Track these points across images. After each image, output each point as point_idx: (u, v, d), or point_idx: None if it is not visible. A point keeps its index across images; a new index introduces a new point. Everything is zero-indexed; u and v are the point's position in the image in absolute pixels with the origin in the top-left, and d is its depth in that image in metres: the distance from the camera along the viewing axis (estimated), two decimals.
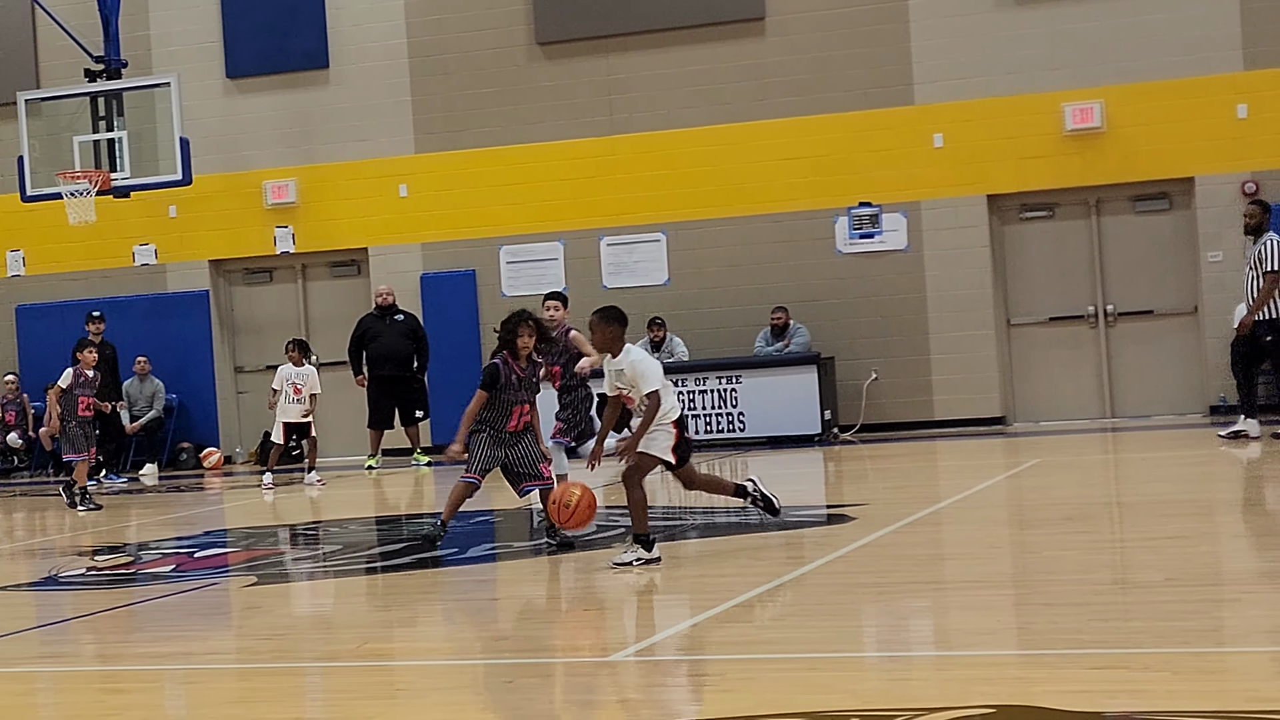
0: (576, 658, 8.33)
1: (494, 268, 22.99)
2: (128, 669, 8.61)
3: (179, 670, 8.52)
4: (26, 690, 8.44)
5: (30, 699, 8.23)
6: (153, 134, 21.63)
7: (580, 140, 22.65)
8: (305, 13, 23.44)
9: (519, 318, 12.06)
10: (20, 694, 8.36)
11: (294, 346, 19.50)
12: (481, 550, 12.74)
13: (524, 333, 11.96)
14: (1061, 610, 8.49)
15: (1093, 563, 10.23)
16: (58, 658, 9.17)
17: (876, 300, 21.77)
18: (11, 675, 8.84)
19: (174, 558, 12.95)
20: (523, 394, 11.99)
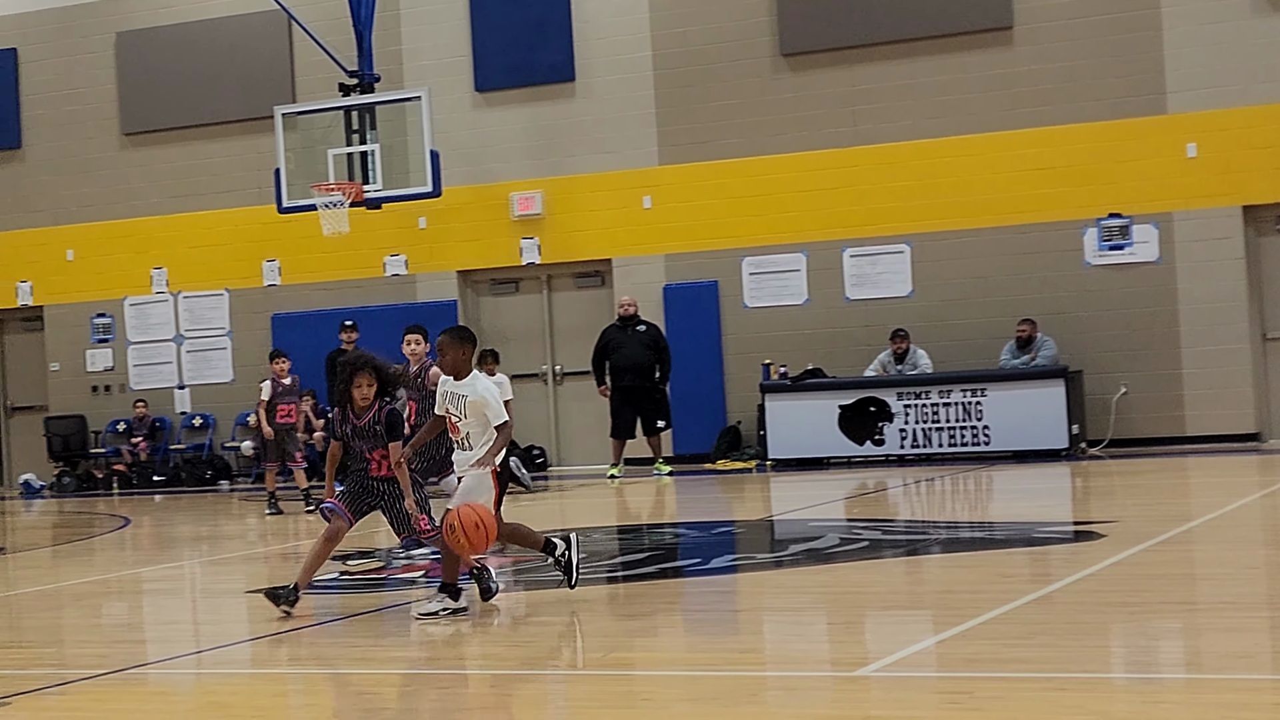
0: (821, 671, 8.30)
1: (736, 279, 23.03)
2: (377, 672, 8.79)
3: (426, 675, 8.67)
4: (281, 691, 8.67)
5: (285, 700, 8.45)
6: (404, 147, 22.05)
7: (824, 151, 22.60)
8: (553, 27, 23.72)
9: (355, 366, 10.98)
10: (276, 695, 8.59)
11: (490, 357, 19.49)
12: (724, 561, 12.76)
13: (361, 382, 10.91)
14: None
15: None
16: (314, 659, 9.39)
17: (1126, 313, 21.37)
18: (267, 676, 9.09)
19: (423, 564, 13.17)
20: (369, 442, 10.92)
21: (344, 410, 11.00)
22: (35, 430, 26.27)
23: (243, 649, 10.06)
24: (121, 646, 10.52)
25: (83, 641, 10.95)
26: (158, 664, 9.67)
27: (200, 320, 25.52)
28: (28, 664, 9.69)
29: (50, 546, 18.05)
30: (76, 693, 8.65)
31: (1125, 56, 21.42)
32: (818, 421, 21.24)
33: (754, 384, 22.33)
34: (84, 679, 8.97)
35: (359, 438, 10.94)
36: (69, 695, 8.60)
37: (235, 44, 25.09)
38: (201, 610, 12.46)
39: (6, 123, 26.37)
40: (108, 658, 9.72)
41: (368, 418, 10.92)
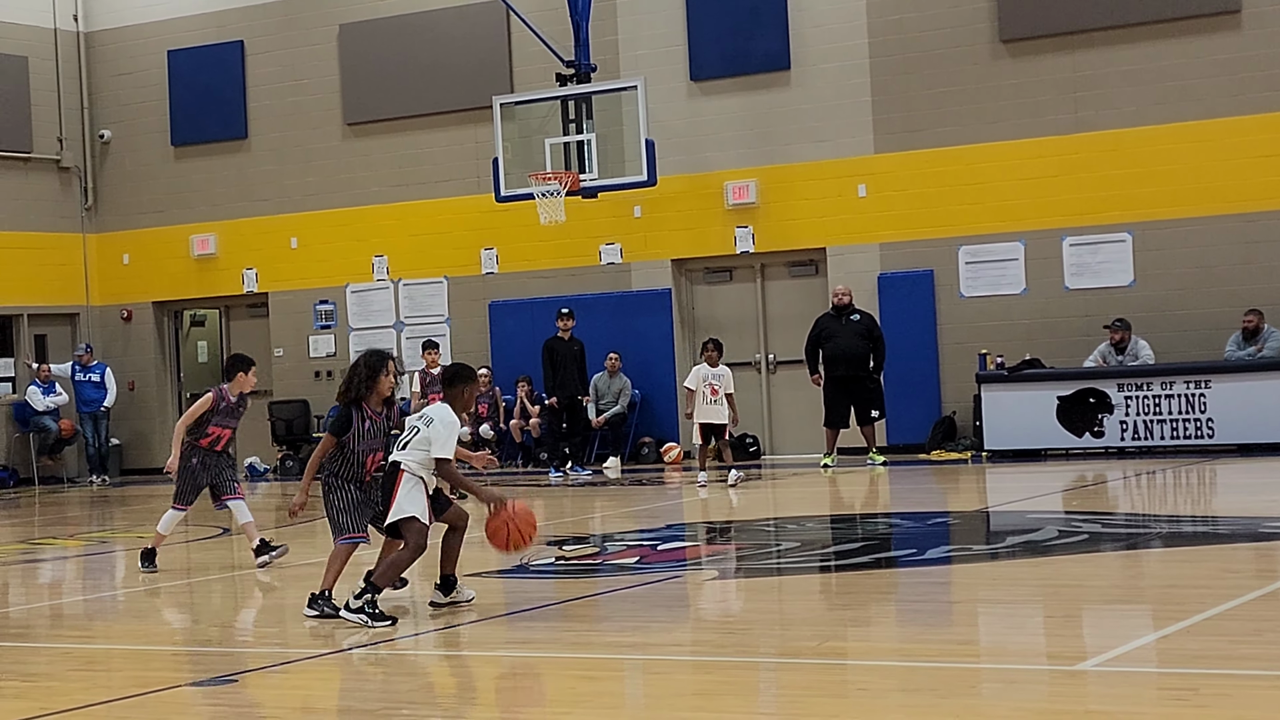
0: (1039, 665, 8.20)
1: (952, 268, 22.81)
2: (596, 656, 8.88)
3: (643, 660, 8.74)
4: (501, 673, 8.79)
5: (505, 682, 8.57)
6: (619, 136, 22.18)
7: (1043, 139, 22.29)
8: (768, 15, 23.68)
9: (385, 356, 10.75)
10: (495, 676, 8.71)
11: (712, 346, 19.67)
12: (939, 552, 12.67)
13: (391, 370, 10.65)
14: None
15: None
16: (530, 643, 9.50)
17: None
18: (487, 658, 9.22)
19: (638, 550, 13.27)
20: (373, 444, 10.62)
21: (359, 408, 10.58)
22: (260, 415, 26.86)
23: (459, 631, 10.20)
24: (345, 627, 10.73)
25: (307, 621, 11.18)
26: (378, 644, 9.84)
27: (419, 307, 25.92)
28: (254, 642, 9.94)
29: (274, 528, 18.46)
30: (300, 671, 8.85)
31: None
32: (1035, 412, 20.96)
33: (969, 374, 22.11)
34: (308, 658, 9.17)
35: (365, 438, 10.56)
36: (293, 674, 8.81)
37: (454, 35, 25.43)
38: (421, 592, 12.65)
39: (234, 114, 27.01)
40: (331, 638, 9.92)
41: (382, 415, 10.67)
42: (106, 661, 9.80)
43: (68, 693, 8.57)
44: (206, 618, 11.54)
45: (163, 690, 8.43)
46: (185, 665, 9.34)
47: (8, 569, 15.02)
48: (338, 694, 8.31)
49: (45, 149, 27.54)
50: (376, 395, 10.62)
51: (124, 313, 27.97)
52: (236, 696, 8.26)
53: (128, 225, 27.90)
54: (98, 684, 9.01)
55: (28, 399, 26.48)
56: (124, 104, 27.91)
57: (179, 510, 13.75)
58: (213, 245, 27.16)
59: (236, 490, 13.90)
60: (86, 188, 28.07)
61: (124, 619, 11.62)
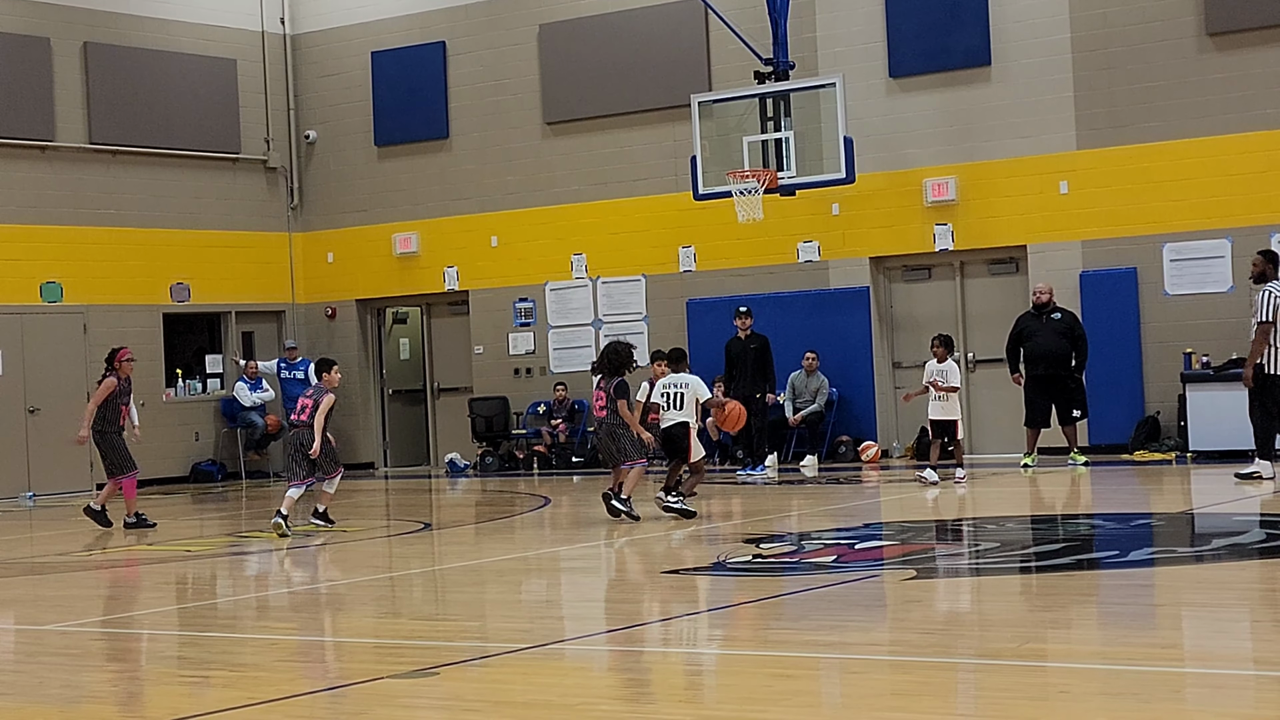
0: (1246, 670, 8.05)
1: (1156, 266, 22.43)
2: (793, 655, 8.87)
3: (840, 659, 8.72)
4: (698, 670, 8.83)
5: (702, 679, 8.60)
6: (817, 133, 22.11)
7: (1250, 134, 21.83)
8: (968, 11, 23.47)
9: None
10: (691, 674, 8.75)
11: (939, 342, 19.75)
12: (1142, 554, 12.49)
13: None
14: None
15: None
16: (728, 640, 9.53)
17: None
18: (684, 655, 9.26)
19: (835, 548, 13.24)
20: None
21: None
22: (460, 411, 27.24)
23: (656, 629, 10.26)
24: (541, 622, 10.86)
25: (505, 616, 11.34)
26: (576, 640, 9.94)
27: (618, 305, 26.08)
28: (453, 636, 10.08)
29: (474, 524, 18.72)
30: (499, 665, 8.96)
31: None
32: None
33: (1174, 374, 21.74)
34: (506, 652, 9.28)
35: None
36: (491, 668, 8.92)
37: (652, 34, 25.54)
38: (616, 589, 12.75)
39: (436, 114, 27.39)
40: (529, 632, 10.04)
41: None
42: (310, 652, 10.00)
43: (274, 683, 8.76)
44: (408, 610, 11.73)
45: (365, 682, 8.59)
46: (387, 657, 9.50)
47: (216, 561, 15.38)
48: (535, 688, 8.40)
49: (253, 150, 28.15)
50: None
51: (328, 310, 28.49)
52: (436, 689, 8.39)
53: (332, 224, 28.41)
54: (302, 675, 9.20)
55: (235, 395, 27.09)
56: (329, 105, 28.43)
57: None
58: (415, 244, 27.55)
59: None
60: (292, 188, 28.64)
61: (327, 611, 11.85)
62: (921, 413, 21.10)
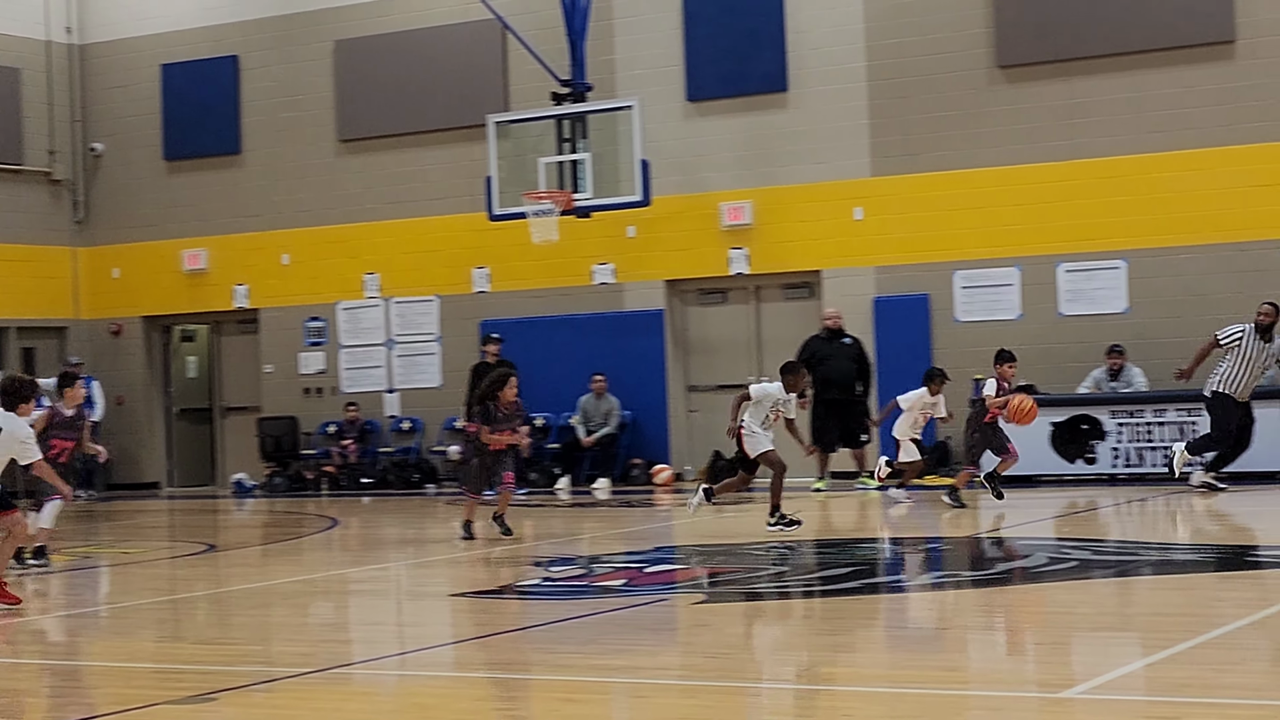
0: (1026, 692, 8.12)
1: (948, 292, 22.75)
2: (581, 679, 8.78)
3: (628, 683, 8.65)
4: (484, 695, 8.69)
5: (488, 704, 8.47)
6: (614, 156, 22.10)
7: (1039, 165, 22.24)
8: (766, 37, 23.64)
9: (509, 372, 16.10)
10: (478, 699, 8.61)
11: (940, 378, 18.67)
12: (929, 578, 12.59)
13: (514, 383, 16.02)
14: None
15: None
16: (516, 665, 9.40)
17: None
18: (469, 680, 9.13)
19: (625, 572, 13.17)
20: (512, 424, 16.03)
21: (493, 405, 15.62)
22: (248, 431, 26.80)
23: (446, 652, 10.11)
24: (327, 646, 10.65)
25: (289, 640, 11.11)
26: (362, 664, 9.76)
27: (410, 325, 25.84)
28: (235, 660, 9.84)
29: (260, 545, 18.38)
30: (282, 690, 8.76)
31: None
32: (1028, 438, 20.83)
33: (964, 399, 22.00)
34: (289, 677, 9.08)
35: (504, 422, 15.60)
36: (275, 693, 8.71)
37: (450, 52, 25.38)
38: (406, 612, 12.57)
39: (227, 128, 26.95)
40: (313, 656, 9.83)
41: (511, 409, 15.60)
42: (86, 678, 9.70)
43: (45, 710, 8.47)
44: (189, 634, 11.44)
45: (141, 709, 8.33)
46: (166, 683, 9.23)
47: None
48: (318, 713, 8.21)
49: (36, 161, 27.48)
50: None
51: (113, 327, 27.88)
52: (215, 714, 8.16)
53: (118, 239, 27.81)
54: (77, 701, 8.91)
55: None
56: (117, 117, 27.84)
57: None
58: (204, 260, 27.07)
59: (52, 497, 14.34)
60: (77, 201, 28.00)
61: (106, 635, 11.52)
62: (716, 437, 21.09)
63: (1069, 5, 22.14)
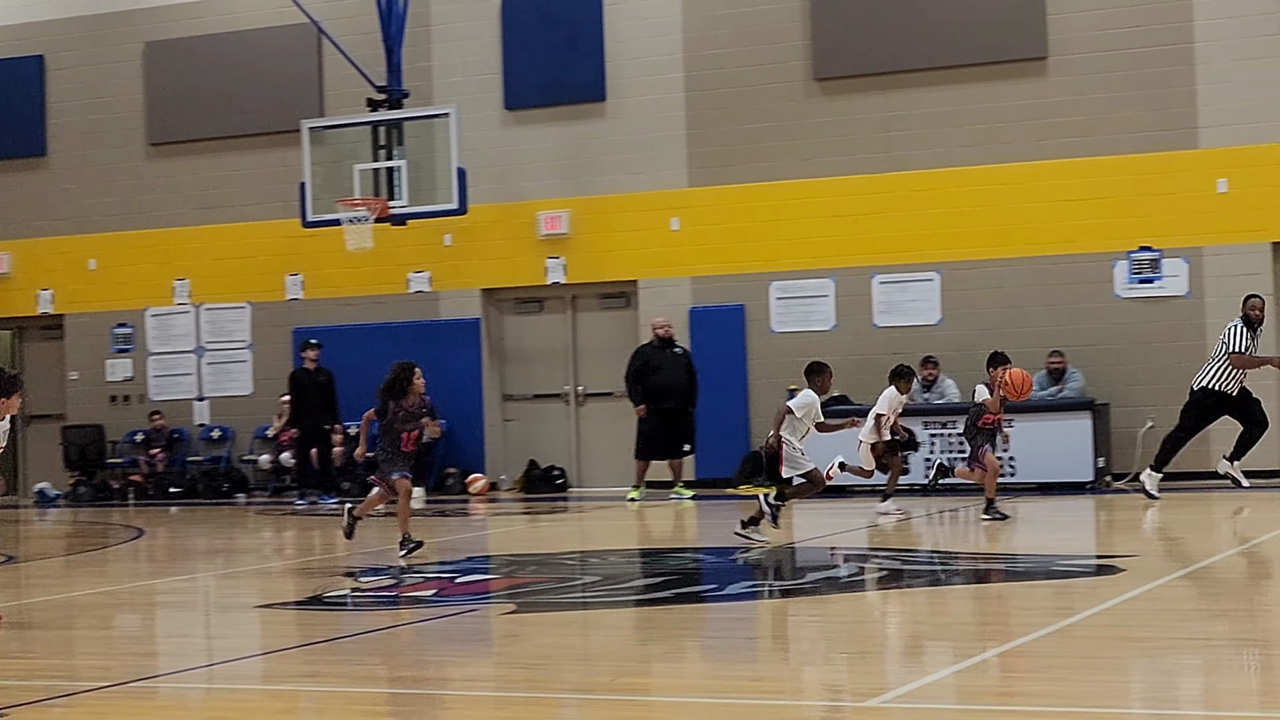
0: (835, 701, 8.14)
1: (763, 303, 22.88)
2: (388, 691, 8.65)
3: (437, 695, 8.53)
4: (288, 709, 8.52)
5: (294, 718, 8.30)
6: (431, 163, 21.97)
7: (855, 177, 22.45)
8: (584, 46, 23.62)
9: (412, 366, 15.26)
10: (281, 712, 8.44)
11: (909, 374, 18.12)
12: (740, 588, 12.60)
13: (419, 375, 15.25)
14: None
15: None
16: (318, 677, 9.24)
17: (1154, 346, 21.19)
18: (273, 693, 8.94)
19: (436, 582, 13.03)
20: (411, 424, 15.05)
21: (396, 404, 14.82)
22: (52, 439, 26.21)
23: (253, 664, 9.92)
24: (130, 659, 10.39)
25: (90, 653, 10.83)
26: (166, 677, 9.53)
27: (221, 332, 25.46)
28: (31, 674, 9.56)
29: (63, 556, 17.96)
30: (81, 704, 8.52)
31: (1158, 90, 21.28)
32: (842, 449, 20.99)
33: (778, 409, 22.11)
34: (89, 690, 8.83)
35: (407, 422, 14.86)
36: (74, 707, 8.47)
37: (264, 56, 25.05)
38: (213, 624, 12.32)
39: (32, 130, 26.35)
40: (113, 670, 9.59)
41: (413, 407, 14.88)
42: None
43: None
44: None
45: None
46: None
47: None
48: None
49: None
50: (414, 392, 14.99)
51: None
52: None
53: None
54: None
55: None
56: None
57: None
58: (6, 264, 26.45)
59: None
60: None
61: None
62: (533, 445, 21.03)
63: (885, 19, 22.38)
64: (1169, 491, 19.08)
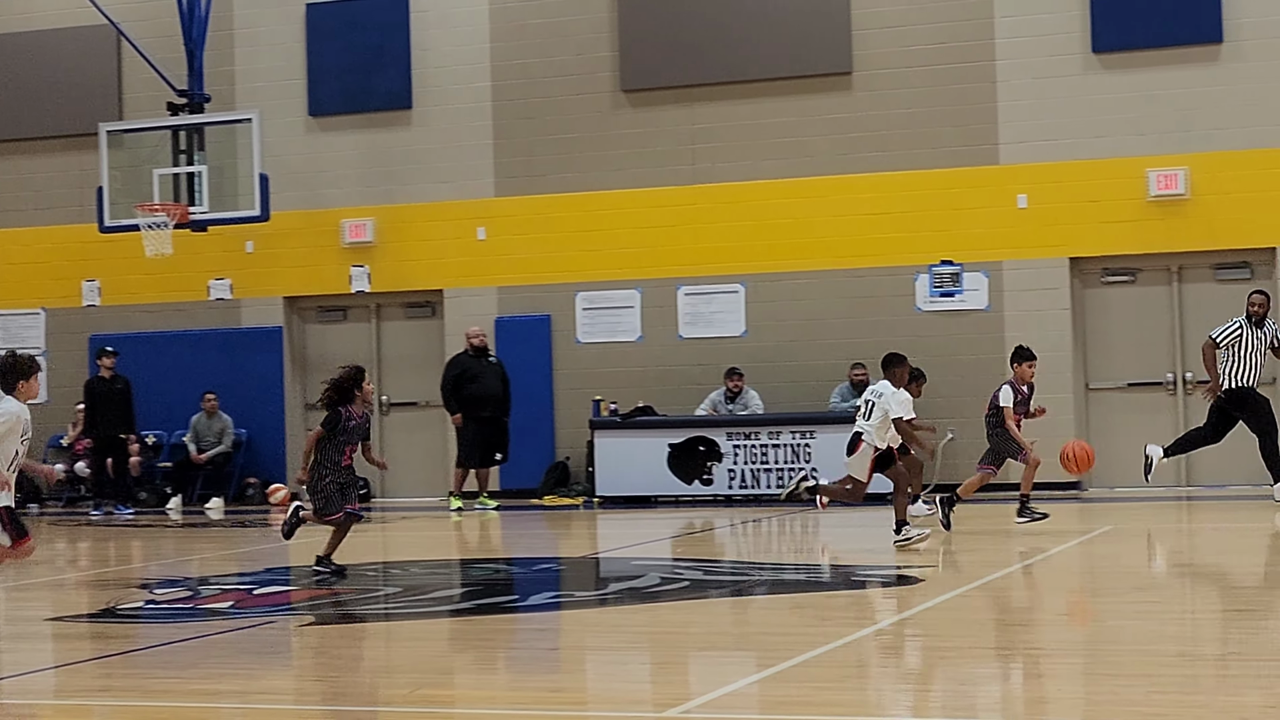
0: (636, 711, 8.11)
1: (570, 314, 22.87)
2: (181, 705, 8.46)
3: (233, 709, 8.38)
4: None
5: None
6: (233, 169, 21.67)
7: (662, 189, 22.53)
8: (390, 53, 23.45)
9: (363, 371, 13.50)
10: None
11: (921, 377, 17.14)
12: (544, 598, 12.55)
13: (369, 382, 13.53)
14: (1124, 681, 8.27)
15: (1159, 633, 9.97)
16: (111, 691, 9.02)
17: (955, 360, 21.50)
18: (65, 708, 8.73)
19: (233, 594, 12.82)
20: (355, 438, 13.35)
21: (346, 410, 13.13)
22: None
23: (43, 678, 9.66)
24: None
25: None
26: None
27: (14, 339, 24.80)
28: None
29: None
30: None
31: (960, 106, 21.62)
32: (647, 459, 21.11)
33: (584, 420, 22.15)
34: None
35: (354, 434, 13.22)
36: None
37: (62, 57, 24.52)
38: (2, 638, 11.99)
39: None
40: None
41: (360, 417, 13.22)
42: None
43: None
44: None
45: None
46: None
47: None
48: None
49: None
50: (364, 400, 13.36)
51: None
52: None
53: None
54: None
55: None
56: None
57: None
58: None
59: None
60: None
61: None
62: None
63: (693, 33, 22.49)
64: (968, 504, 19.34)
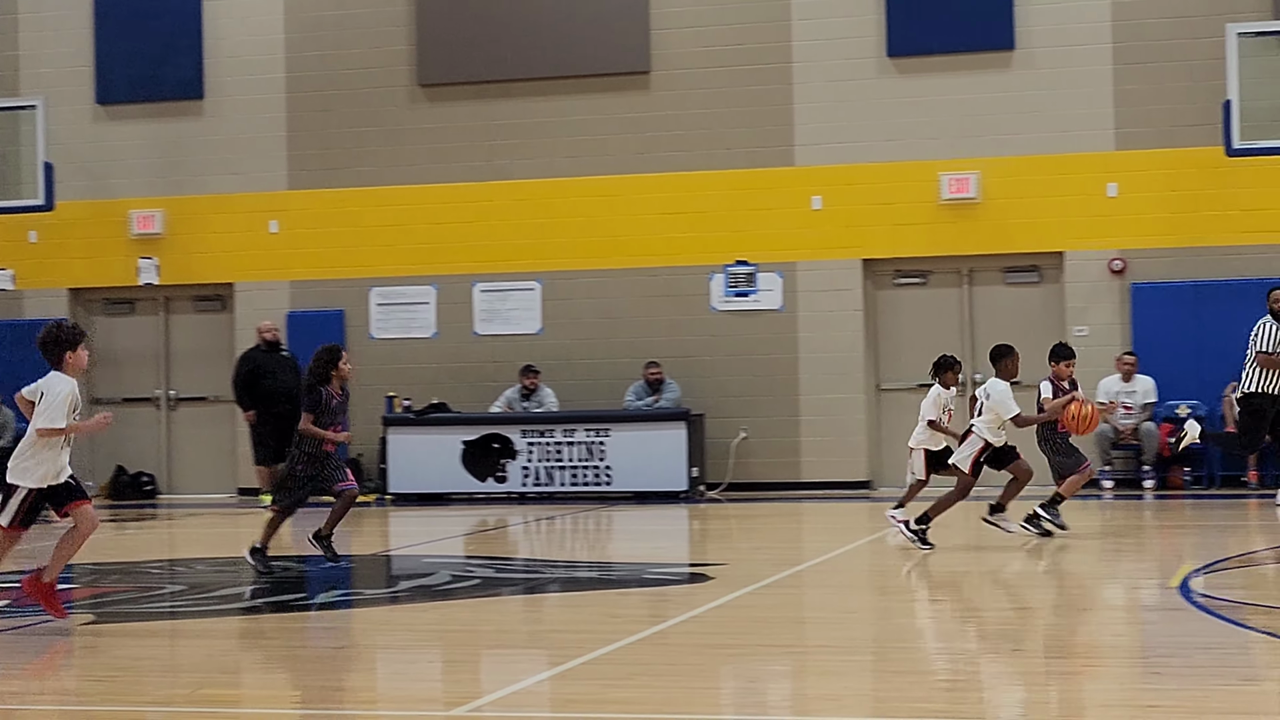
0: (424, 710, 8.03)
1: (363, 309, 22.64)
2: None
3: (9, 710, 8.14)
4: None
5: None
6: (16, 156, 21.11)
7: (458, 185, 22.40)
8: (182, 41, 23.02)
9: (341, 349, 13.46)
10: None
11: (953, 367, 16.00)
12: (333, 596, 12.40)
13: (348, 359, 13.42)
14: (912, 678, 8.37)
15: (947, 631, 10.11)
16: None
17: (749, 359, 21.64)
18: None
19: (9, 592, 12.47)
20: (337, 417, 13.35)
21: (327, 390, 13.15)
22: None
23: None
24: None
25: None
26: None
27: None
28: None
29: None
30: None
31: (757, 108, 21.75)
32: (440, 456, 20.98)
33: (377, 416, 21.93)
34: None
35: (336, 414, 13.27)
36: None
37: None
38: None
39: None
40: None
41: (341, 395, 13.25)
42: None
43: None
44: None
45: None
46: None
47: None
48: None
49: None
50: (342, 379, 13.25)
51: None
52: None
53: None
54: None
55: None
56: None
57: None
58: None
59: None
60: None
61: None
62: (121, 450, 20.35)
63: (490, 28, 22.38)
64: (760, 502, 19.52)
